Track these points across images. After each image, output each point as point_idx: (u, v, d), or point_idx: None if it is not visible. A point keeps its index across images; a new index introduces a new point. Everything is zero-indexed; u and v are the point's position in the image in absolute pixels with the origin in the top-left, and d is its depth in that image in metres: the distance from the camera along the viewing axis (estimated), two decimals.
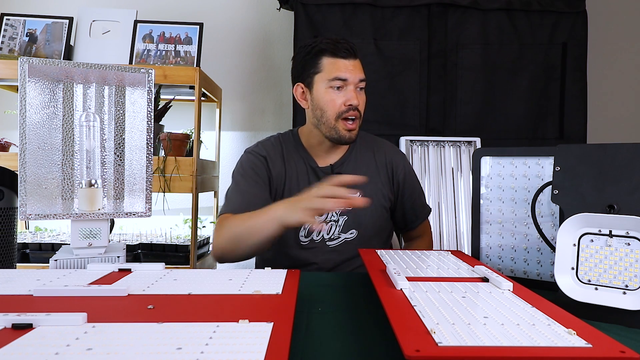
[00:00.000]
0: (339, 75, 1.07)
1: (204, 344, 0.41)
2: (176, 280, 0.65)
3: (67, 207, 0.83)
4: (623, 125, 2.33)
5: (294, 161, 1.16)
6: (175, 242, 1.84)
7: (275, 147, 1.17)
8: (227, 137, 2.27)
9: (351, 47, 1.09)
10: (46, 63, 0.79)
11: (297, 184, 1.14)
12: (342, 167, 1.16)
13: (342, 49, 1.08)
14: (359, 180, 0.87)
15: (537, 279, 0.87)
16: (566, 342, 0.42)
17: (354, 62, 1.09)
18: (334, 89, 1.08)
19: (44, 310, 0.49)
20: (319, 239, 1.14)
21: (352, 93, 1.07)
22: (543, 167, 0.87)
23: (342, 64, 1.07)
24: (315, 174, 1.15)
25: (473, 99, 2.05)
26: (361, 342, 0.55)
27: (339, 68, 1.07)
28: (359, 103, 1.09)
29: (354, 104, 1.07)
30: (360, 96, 1.11)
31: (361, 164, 1.18)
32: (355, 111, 1.08)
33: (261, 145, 1.18)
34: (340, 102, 1.08)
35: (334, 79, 1.07)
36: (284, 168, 1.15)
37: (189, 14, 2.19)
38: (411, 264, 0.76)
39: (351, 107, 1.08)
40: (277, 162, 1.15)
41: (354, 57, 1.09)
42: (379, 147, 1.23)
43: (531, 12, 2.03)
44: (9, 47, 1.87)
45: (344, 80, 1.07)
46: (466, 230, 1.90)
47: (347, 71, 1.07)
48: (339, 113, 1.08)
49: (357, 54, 1.10)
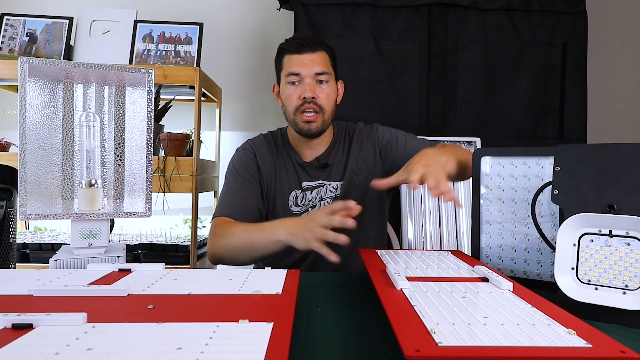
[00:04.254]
0: (291, 70, 1.10)
1: (204, 344, 0.41)
2: (176, 280, 0.65)
3: (67, 207, 0.83)
4: (623, 125, 2.33)
5: (282, 157, 1.19)
6: (175, 242, 1.84)
7: (264, 144, 1.20)
8: (227, 137, 2.27)
9: (307, 41, 1.10)
10: (46, 63, 0.79)
11: (288, 180, 1.17)
12: (329, 158, 1.19)
13: (296, 45, 1.10)
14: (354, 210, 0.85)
15: (537, 279, 0.87)
16: (566, 342, 0.42)
17: (311, 56, 1.10)
18: (290, 84, 1.11)
19: (44, 310, 0.49)
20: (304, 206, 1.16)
21: (305, 86, 1.09)
22: (543, 167, 0.87)
23: (295, 59, 1.10)
24: (303, 169, 1.18)
25: (473, 99, 2.05)
26: (361, 342, 0.55)
27: (292, 63, 1.10)
28: (316, 95, 1.09)
29: (307, 97, 1.08)
30: (320, 89, 1.11)
31: (345, 153, 1.19)
32: (311, 104, 1.09)
33: (251, 143, 1.22)
34: (296, 96, 1.10)
35: (288, 74, 1.11)
36: (273, 164, 1.18)
37: (189, 14, 2.19)
38: (411, 264, 0.76)
39: (306, 100, 1.09)
40: (266, 158, 1.18)
41: (312, 51, 1.10)
42: (356, 132, 1.23)
43: (531, 12, 2.03)
44: (9, 47, 1.87)
45: (297, 75, 1.10)
46: (466, 230, 1.90)
47: (300, 65, 1.09)
48: (296, 107, 1.10)
49: (319, 48, 1.11)
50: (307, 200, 1.17)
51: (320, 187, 1.17)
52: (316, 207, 1.16)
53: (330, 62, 1.14)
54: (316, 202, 1.17)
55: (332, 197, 1.17)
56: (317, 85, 1.11)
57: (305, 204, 1.17)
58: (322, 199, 1.17)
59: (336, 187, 1.17)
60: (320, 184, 1.17)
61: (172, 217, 2.10)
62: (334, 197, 1.17)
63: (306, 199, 1.17)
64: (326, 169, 1.18)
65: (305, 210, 1.17)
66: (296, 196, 1.17)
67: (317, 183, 1.17)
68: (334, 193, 1.17)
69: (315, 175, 1.18)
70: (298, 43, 1.10)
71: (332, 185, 1.17)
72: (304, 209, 1.17)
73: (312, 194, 1.17)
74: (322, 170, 1.18)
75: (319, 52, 1.11)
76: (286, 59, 1.12)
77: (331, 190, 1.17)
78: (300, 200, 1.17)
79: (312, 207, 1.17)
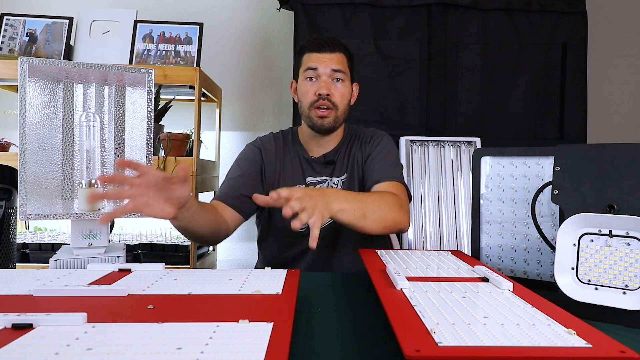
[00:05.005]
0: (310, 65, 1.14)
1: (204, 344, 0.41)
2: (176, 280, 0.65)
3: (67, 207, 0.83)
4: (623, 125, 2.33)
5: (289, 154, 1.22)
6: (175, 242, 1.84)
7: (272, 141, 1.24)
8: (227, 137, 2.27)
9: (327, 41, 1.14)
10: (46, 63, 0.79)
11: (292, 174, 1.19)
12: (336, 156, 1.21)
13: (316, 44, 1.14)
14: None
15: (537, 279, 0.87)
16: (566, 342, 0.42)
17: (329, 55, 1.14)
18: (308, 79, 1.15)
19: (44, 310, 0.49)
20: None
21: (321, 83, 1.13)
22: (543, 167, 0.87)
23: (315, 56, 1.14)
24: (308, 164, 1.20)
25: (473, 99, 2.05)
26: (361, 342, 0.55)
27: (311, 59, 1.14)
28: (330, 93, 1.13)
29: (322, 94, 1.12)
30: (335, 87, 1.14)
31: (352, 155, 1.21)
32: (326, 101, 1.13)
33: (259, 139, 1.26)
34: (312, 91, 1.14)
35: (306, 69, 1.15)
36: (279, 159, 1.21)
37: (189, 14, 2.19)
38: (411, 264, 0.76)
39: (321, 97, 1.12)
40: (272, 153, 1.21)
41: (331, 51, 1.14)
42: (364, 137, 1.24)
43: (531, 12, 2.03)
44: (9, 47, 1.87)
45: (314, 70, 1.13)
46: (466, 230, 1.90)
47: (318, 61, 1.13)
48: (311, 102, 1.14)
49: (337, 49, 1.15)
50: None
51: (323, 182, 1.19)
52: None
53: (348, 63, 1.18)
54: None
55: None
56: (333, 83, 1.14)
57: None
58: None
59: (337, 183, 1.19)
60: (324, 180, 1.20)
61: None
62: None
63: None
64: (331, 165, 1.20)
65: None
66: None
67: (320, 179, 1.19)
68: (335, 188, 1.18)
69: (320, 171, 1.20)
70: (318, 42, 1.14)
71: (333, 180, 1.20)
72: None
73: None
74: (327, 167, 1.20)
75: (338, 53, 1.15)
76: (306, 56, 1.16)
77: (332, 186, 1.19)
78: None
79: None
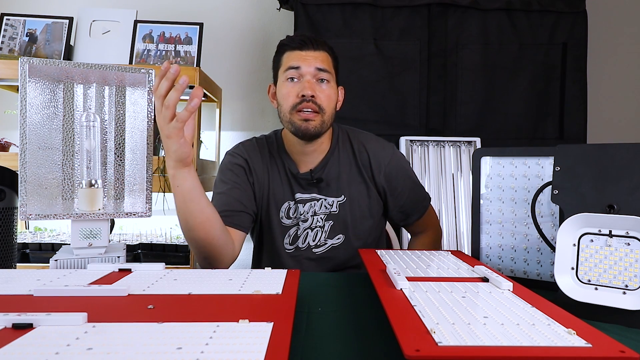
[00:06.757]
0: (291, 64, 1.02)
1: (204, 344, 0.41)
2: (176, 280, 0.65)
3: (67, 207, 0.83)
4: (623, 125, 2.33)
5: (276, 165, 1.12)
6: (175, 242, 1.84)
7: (257, 150, 1.13)
8: (227, 137, 2.27)
9: (310, 38, 1.04)
10: (46, 63, 0.79)
11: (282, 189, 1.11)
12: (323, 172, 1.10)
13: (298, 41, 1.03)
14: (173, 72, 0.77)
15: (537, 279, 0.87)
16: (566, 342, 0.42)
17: (313, 53, 1.03)
18: (289, 80, 1.03)
19: (44, 310, 0.49)
20: (304, 246, 1.11)
21: (305, 84, 1.01)
22: (543, 167, 0.87)
23: (297, 54, 1.03)
24: (295, 180, 1.10)
25: (473, 99, 2.05)
26: (361, 342, 0.55)
27: (293, 58, 1.03)
28: (315, 94, 1.01)
29: (306, 95, 1.00)
30: (320, 88, 1.03)
31: (343, 167, 1.12)
32: (310, 103, 1.01)
33: (242, 148, 1.13)
34: (294, 93, 1.02)
35: (287, 69, 1.03)
36: (266, 172, 1.11)
37: (189, 14, 2.19)
38: (411, 264, 0.76)
39: (305, 99, 1.00)
40: (259, 164, 1.11)
41: (314, 49, 1.03)
42: (362, 146, 1.14)
43: (531, 12, 2.03)
44: (9, 47, 1.87)
45: (296, 69, 1.02)
46: (466, 230, 1.90)
47: (300, 60, 1.02)
48: (293, 105, 1.02)
49: (322, 47, 1.05)
50: (299, 213, 1.10)
51: (314, 200, 1.11)
52: (308, 222, 1.10)
53: (333, 64, 1.07)
54: (308, 217, 1.10)
55: (327, 212, 1.11)
56: (318, 83, 1.03)
57: (297, 217, 1.11)
58: (315, 214, 1.11)
59: (332, 204, 1.11)
60: (314, 198, 1.11)
61: (172, 217, 2.10)
62: (329, 213, 1.11)
63: (298, 212, 1.10)
64: (320, 184, 1.10)
65: (296, 223, 1.11)
66: (289, 207, 1.11)
67: (310, 196, 1.11)
68: (329, 209, 1.11)
69: (307, 188, 1.11)
70: (300, 39, 1.03)
71: (327, 201, 1.11)
72: (295, 222, 1.11)
73: (304, 207, 1.11)
74: (315, 185, 1.11)
75: (322, 51, 1.04)
76: (286, 55, 1.05)
77: (326, 206, 1.11)
78: (292, 213, 1.11)
79: (303, 221, 1.11)
